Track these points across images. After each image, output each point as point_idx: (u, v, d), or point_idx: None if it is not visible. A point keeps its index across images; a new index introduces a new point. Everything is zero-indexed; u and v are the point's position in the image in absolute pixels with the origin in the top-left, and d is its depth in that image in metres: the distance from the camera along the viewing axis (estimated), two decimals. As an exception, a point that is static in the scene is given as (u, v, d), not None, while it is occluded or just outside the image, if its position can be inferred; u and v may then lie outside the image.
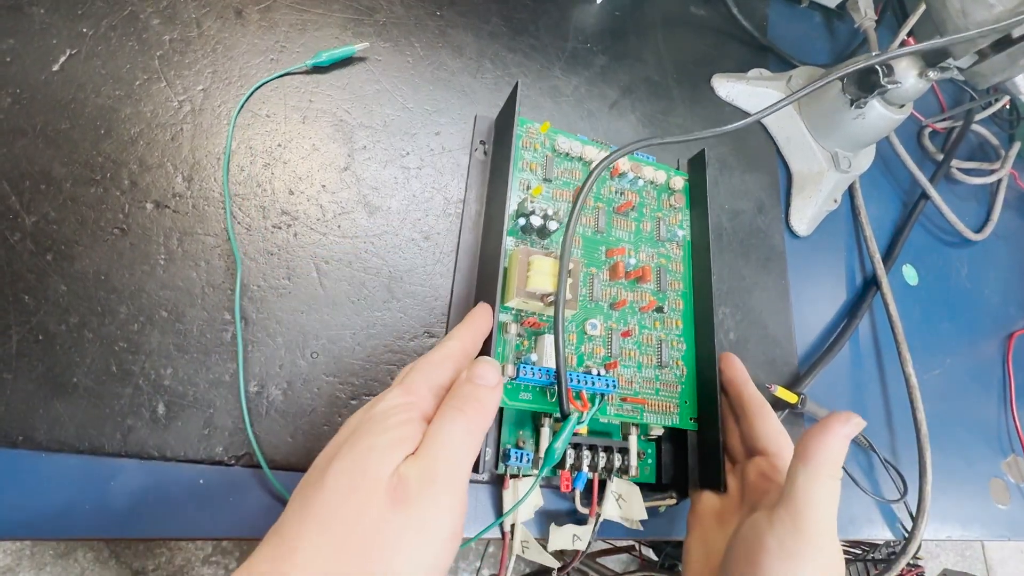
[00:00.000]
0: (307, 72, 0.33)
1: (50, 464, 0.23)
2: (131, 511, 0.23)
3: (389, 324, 0.31)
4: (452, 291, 0.32)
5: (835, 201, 0.48)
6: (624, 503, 0.30)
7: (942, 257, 0.56)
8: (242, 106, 0.31)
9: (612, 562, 0.87)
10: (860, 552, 0.55)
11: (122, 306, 0.26)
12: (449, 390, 0.22)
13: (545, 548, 0.29)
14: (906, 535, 0.40)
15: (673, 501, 0.32)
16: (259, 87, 0.32)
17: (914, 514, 0.40)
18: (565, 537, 0.30)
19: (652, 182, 0.37)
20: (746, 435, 0.31)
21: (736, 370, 0.33)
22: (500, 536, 0.29)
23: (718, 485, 0.30)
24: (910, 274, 0.52)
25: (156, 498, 0.24)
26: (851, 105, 0.43)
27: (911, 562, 0.53)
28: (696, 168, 0.38)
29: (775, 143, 0.49)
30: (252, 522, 0.25)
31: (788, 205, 0.47)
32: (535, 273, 0.28)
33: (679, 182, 0.38)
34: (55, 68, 0.28)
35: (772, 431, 0.30)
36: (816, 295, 0.46)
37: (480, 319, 0.26)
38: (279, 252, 0.30)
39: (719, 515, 0.29)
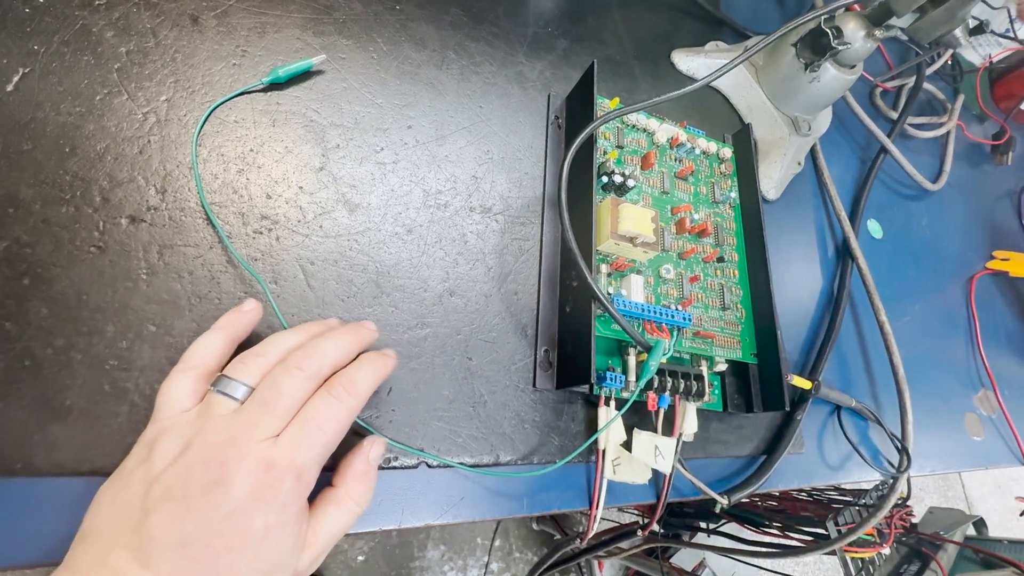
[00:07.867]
0: (264, 90, 0.33)
1: (53, 489, 0.22)
2: (141, 528, 0.23)
3: (381, 319, 0.31)
4: (541, 238, 0.37)
5: (799, 164, 0.49)
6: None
7: (902, 210, 0.58)
8: (201, 126, 0.30)
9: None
10: (851, 499, 0.57)
11: (108, 324, 0.25)
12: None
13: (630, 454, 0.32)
14: (893, 474, 0.42)
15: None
16: (216, 107, 0.31)
17: (899, 450, 0.42)
18: (647, 447, 0.32)
19: (705, 152, 0.42)
20: None
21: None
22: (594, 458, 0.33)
23: (782, 406, 0.35)
24: (875, 228, 0.55)
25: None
26: (806, 69, 0.44)
27: (899, 502, 0.56)
28: (740, 141, 0.44)
29: (737, 112, 0.50)
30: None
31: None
32: (624, 218, 0.33)
33: (727, 152, 0.44)
34: (9, 88, 0.27)
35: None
36: (790, 255, 0.48)
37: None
38: (263, 257, 0.29)
39: None
